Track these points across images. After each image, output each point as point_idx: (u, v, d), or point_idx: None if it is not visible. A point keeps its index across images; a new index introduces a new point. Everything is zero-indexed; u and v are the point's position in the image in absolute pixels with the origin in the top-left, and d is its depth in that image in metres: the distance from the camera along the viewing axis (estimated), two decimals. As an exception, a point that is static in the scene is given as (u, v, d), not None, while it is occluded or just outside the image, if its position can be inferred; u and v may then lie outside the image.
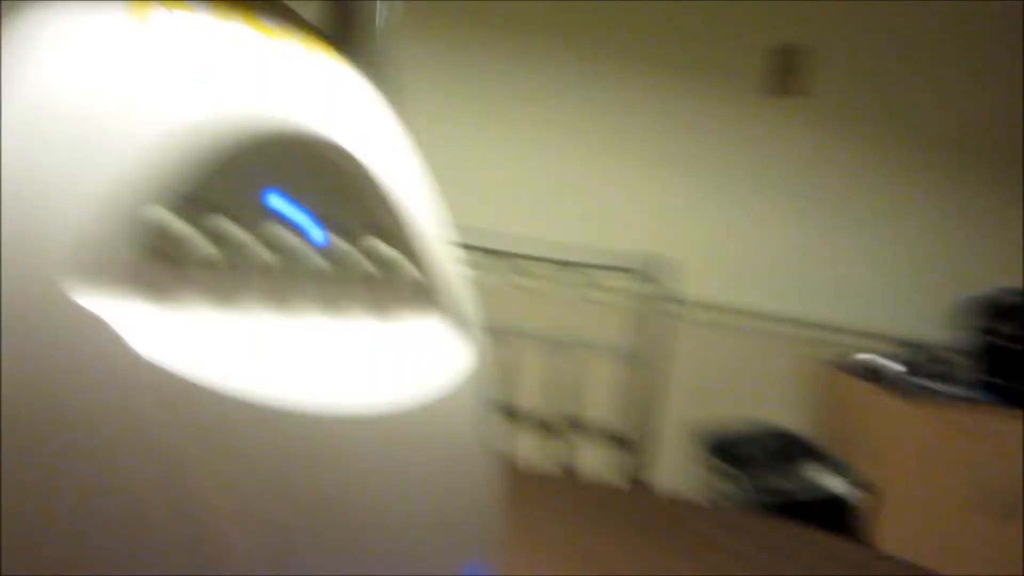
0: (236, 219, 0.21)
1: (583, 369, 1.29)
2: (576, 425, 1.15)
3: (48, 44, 0.20)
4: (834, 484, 1.86)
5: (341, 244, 0.23)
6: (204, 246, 0.20)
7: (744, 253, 2.18)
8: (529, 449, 1.23)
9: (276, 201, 0.22)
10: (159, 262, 0.20)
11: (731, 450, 1.98)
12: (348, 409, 0.21)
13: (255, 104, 0.22)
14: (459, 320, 0.27)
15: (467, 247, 1.21)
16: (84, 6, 0.21)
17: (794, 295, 2.20)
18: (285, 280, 0.22)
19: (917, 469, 2.05)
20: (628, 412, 1.15)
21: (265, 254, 0.22)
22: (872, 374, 2.12)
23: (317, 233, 0.23)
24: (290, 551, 0.20)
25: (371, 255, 0.24)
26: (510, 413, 1.15)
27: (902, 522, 2.05)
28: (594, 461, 1.24)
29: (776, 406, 2.20)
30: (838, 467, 1.92)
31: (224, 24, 0.23)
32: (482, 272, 1.19)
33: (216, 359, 0.20)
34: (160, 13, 0.22)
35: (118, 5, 0.21)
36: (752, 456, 1.99)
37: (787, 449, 2.03)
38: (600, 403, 1.36)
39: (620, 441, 1.14)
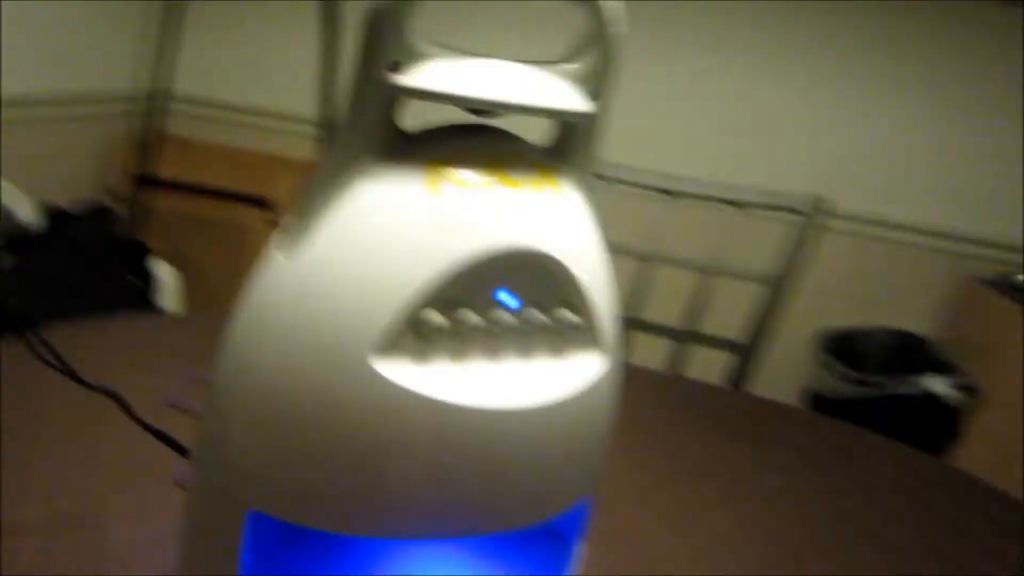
0: (474, 308, 0.35)
1: (725, 290, 1.36)
2: (698, 336, 1.24)
3: (372, 203, 0.34)
4: (939, 386, 1.88)
5: (539, 315, 0.37)
6: (443, 325, 0.34)
7: (901, 166, 2.14)
8: (652, 356, 1.33)
9: (503, 295, 0.36)
10: (424, 340, 0.34)
11: (844, 346, 2.03)
12: (521, 404, 0.35)
13: (493, 235, 0.35)
14: (609, 350, 0.39)
15: (632, 183, 1.28)
16: (398, 180, 0.35)
17: (948, 209, 2.15)
18: (497, 340, 0.36)
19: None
20: (754, 323, 1.23)
21: (486, 325, 0.35)
22: (1009, 289, 2.10)
23: (526, 310, 0.37)
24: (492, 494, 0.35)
25: (558, 319, 0.37)
26: (641, 325, 1.25)
27: (1007, 428, 2.07)
28: (709, 367, 1.34)
29: (912, 317, 2.20)
30: (948, 367, 1.94)
31: (485, 184, 0.35)
32: (640, 203, 1.27)
33: (450, 387, 0.34)
34: (449, 186, 0.35)
35: (420, 182, 0.35)
36: (863, 353, 2.04)
37: (901, 349, 2.06)
38: (731, 320, 1.44)
39: (734, 348, 1.22)
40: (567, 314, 0.37)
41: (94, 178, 2.13)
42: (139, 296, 1.62)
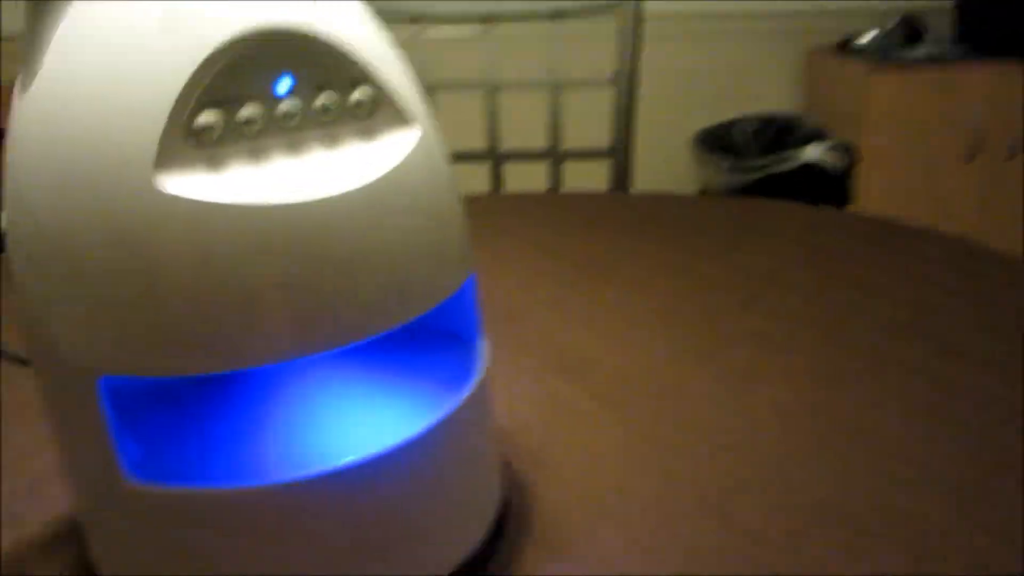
0: (255, 101, 0.32)
1: (572, 105, 1.35)
2: (562, 153, 1.23)
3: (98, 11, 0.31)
4: (814, 153, 1.95)
5: (327, 97, 0.34)
6: (218, 123, 0.32)
7: None
8: (522, 182, 1.32)
9: (283, 82, 0.33)
10: (204, 147, 0.31)
11: (718, 142, 2.07)
12: (328, 192, 0.33)
13: (255, 15, 0.32)
14: (415, 120, 0.37)
15: (446, 19, 1.23)
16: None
17: None
18: (298, 135, 0.34)
19: (898, 134, 2.15)
20: (614, 131, 1.22)
21: (277, 119, 0.33)
22: (854, 53, 2.16)
23: (309, 94, 0.34)
24: (324, 307, 0.32)
25: (348, 100, 0.35)
26: (499, 154, 1.23)
27: (889, 184, 2.18)
28: (581, 182, 1.34)
29: (771, 101, 2.24)
30: (820, 138, 2.01)
31: None
32: (463, 32, 1.22)
33: (248, 189, 0.31)
34: None
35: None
36: (737, 142, 2.09)
37: (771, 132, 2.12)
38: (589, 131, 1.43)
39: (605, 156, 1.22)
40: (360, 90, 0.35)
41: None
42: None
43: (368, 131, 0.36)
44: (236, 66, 0.31)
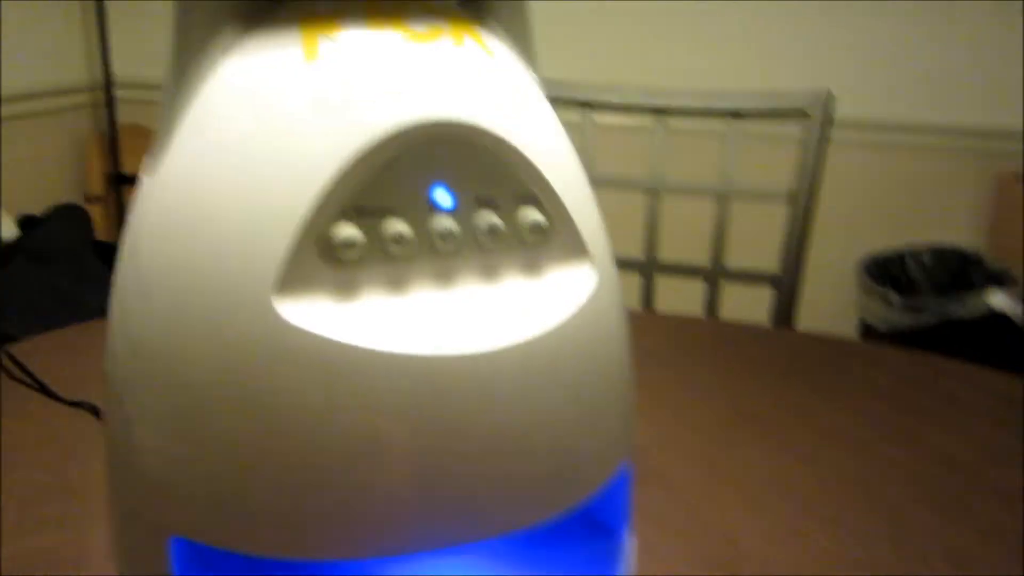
0: (404, 216, 0.26)
1: (739, 216, 1.27)
2: (724, 270, 1.14)
3: (236, 91, 0.25)
4: (1002, 301, 1.75)
5: (490, 216, 0.28)
6: (359, 239, 0.25)
7: (905, 66, 1.99)
8: (675, 298, 1.24)
9: (439, 193, 0.27)
10: (343, 267, 0.25)
11: (890, 271, 1.91)
12: (490, 345, 0.26)
13: (398, 103, 0.26)
14: (597, 256, 0.30)
15: (617, 107, 1.19)
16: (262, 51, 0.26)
17: (970, 103, 1.99)
18: (447, 261, 0.27)
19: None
20: (782, 252, 1.13)
21: (430, 241, 0.27)
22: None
23: (471, 210, 0.28)
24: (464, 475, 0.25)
25: (519, 220, 0.28)
26: (654, 265, 1.16)
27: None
28: (741, 305, 1.24)
29: (952, 229, 2.06)
30: (1004, 281, 1.81)
31: (377, 38, 0.26)
32: (632, 127, 1.17)
33: (386, 329, 0.25)
34: (328, 45, 0.26)
35: (292, 48, 0.26)
36: (911, 276, 1.92)
37: (952, 267, 1.94)
38: (753, 248, 1.34)
39: (769, 281, 1.12)
40: (530, 212, 0.28)
41: (71, 183, 2.09)
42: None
43: (534, 265, 0.29)
44: (387, 167, 0.26)
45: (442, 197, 0.27)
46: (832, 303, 1.98)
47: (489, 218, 0.28)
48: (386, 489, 0.24)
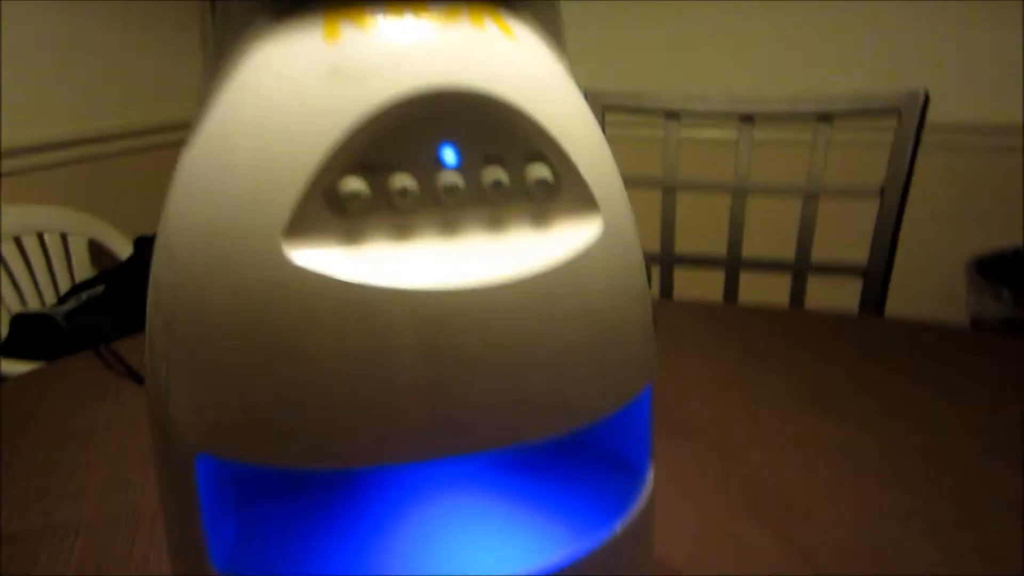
0: (411, 171, 0.29)
1: (825, 212, 1.24)
2: (811, 265, 1.12)
3: (259, 69, 0.29)
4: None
5: (496, 172, 0.30)
6: (364, 193, 0.28)
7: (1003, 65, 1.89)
8: (757, 291, 1.22)
9: (446, 151, 0.29)
10: (349, 217, 0.28)
11: (1002, 270, 1.81)
12: (482, 281, 0.28)
13: (410, 75, 0.28)
14: (605, 209, 0.32)
15: (709, 115, 1.19)
16: (287, 37, 0.29)
17: None
18: (454, 213, 0.29)
19: None
20: (872, 247, 1.10)
21: (435, 195, 0.29)
22: None
23: (477, 168, 0.30)
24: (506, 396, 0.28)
25: (525, 177, 0.30)
26: (752, 264, 1.15)
27: None
28: (831, 297, 1.21)
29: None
30: None
31: (399, 23, 0.29)
32: (718, 134, 1.16)
33: (383, 268, 0.27)
34: (349, 29, 0.29)
35: (315, 33, 0.29)
36: (1020, 273, 1.81)
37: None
38: (838, 243, 1.31)
39: (859, 273, 1.09)
40: (537, 168, 0.30)
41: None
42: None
43: (542, 217, 0.31)
44: (397, 128, 0.28)
45: (448, 155, 0.29)
46: (928, 298, 1.89)
47: (496, 174, 0.30)
48: (389, 405, 0.27)
